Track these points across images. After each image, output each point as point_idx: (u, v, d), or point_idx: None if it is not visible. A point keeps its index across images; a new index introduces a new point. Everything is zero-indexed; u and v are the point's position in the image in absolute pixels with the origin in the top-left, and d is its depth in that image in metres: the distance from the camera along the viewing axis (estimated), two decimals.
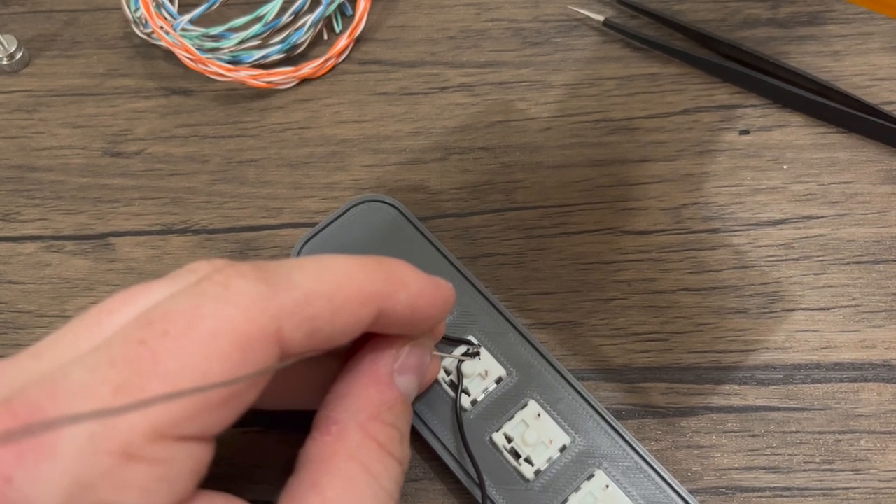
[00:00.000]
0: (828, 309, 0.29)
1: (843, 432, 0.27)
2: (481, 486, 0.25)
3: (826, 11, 0.35)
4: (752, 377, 0.28)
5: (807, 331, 0.29)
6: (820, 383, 0.28)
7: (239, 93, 0.36)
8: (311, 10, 0.37)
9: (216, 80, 0.36)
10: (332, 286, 0.20)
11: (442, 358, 0.27)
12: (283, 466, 0.29)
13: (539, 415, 0.26)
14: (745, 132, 0.33)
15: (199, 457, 0.18)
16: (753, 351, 0.29)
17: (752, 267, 0.30)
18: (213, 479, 0.30)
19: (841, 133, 0.33)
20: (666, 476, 0.25)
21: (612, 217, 0.32)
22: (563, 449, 0.26)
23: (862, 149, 0.32)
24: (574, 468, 0.26)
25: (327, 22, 0.38)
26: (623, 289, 0.30)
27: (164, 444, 0.17)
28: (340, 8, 0.38)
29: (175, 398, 0.17)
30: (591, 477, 0.25)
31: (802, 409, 0.27)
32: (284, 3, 0.36)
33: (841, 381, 0.28)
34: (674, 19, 0.35)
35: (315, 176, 0.34)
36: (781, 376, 0.28)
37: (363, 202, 0.31)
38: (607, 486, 0.25)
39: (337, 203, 0.33)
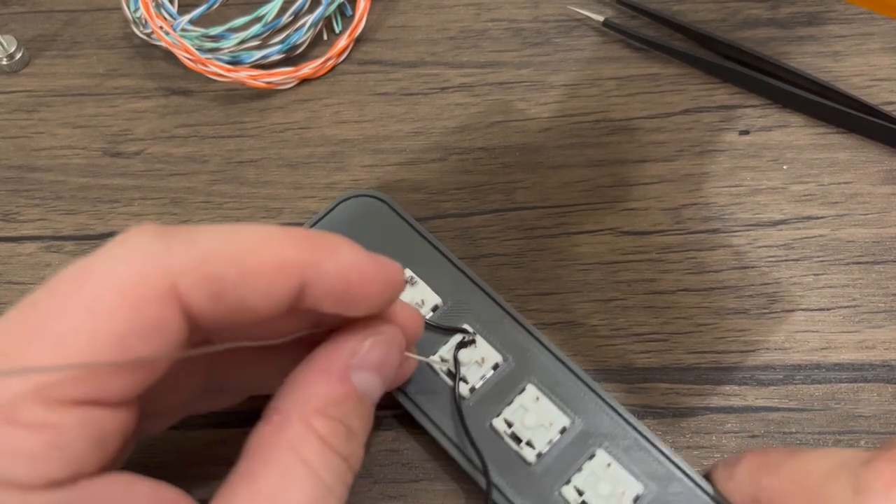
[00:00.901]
0: (828, 309, 0.29)
1: (843, 433, 0.27)
2: (485, 471, 0.25)
3: (826, 12, 0.35)
4: (752, 377, 0.28)
5: (807, 331, 0.29)
6: (820, 384, 0.28)
7: (239, 93, 0.36)
8: (311, 10, 0.36)
9: (216, 81, 0.36)
10: (243, 248, 0.19)
11: (422, 361, 0.27)
12: None
13: (538, 398, 0.26)
14: (745, 132, 0.33)
15: (100, 424, 0.17)
16: (753, 351, 0.29)
17: (752, 267, 0.30)
18: (212, 479, 0.30)
19: (841, 133, 0.33)
20: (666, 451, 0.25)
21: (611, 217, 0.32)
22: (563, 430, 0.26)
23: (862, 149, 0.32)
24: (575, 449, 0.26)
25: (327, 22, 0.38)
26: (623, 289, 0.30)
27: (51, 407, 0.16)
28: (340, 8, 0.38)
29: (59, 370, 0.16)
30: (592, 456, 0.25)
31: (802, 410, 0.27)
32: (284, 3, 0.36)
33: (841, 381, 0.28)
34: (674, 19, 0.35)
35: (315, 176, 0.34)
36: (781, 377, 0.28)
37: (351, 198, 0.31)
38: (609, 465, 0.25)
39: None
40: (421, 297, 0.29)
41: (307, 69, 0.36)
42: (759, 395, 0.28)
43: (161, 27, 0.35)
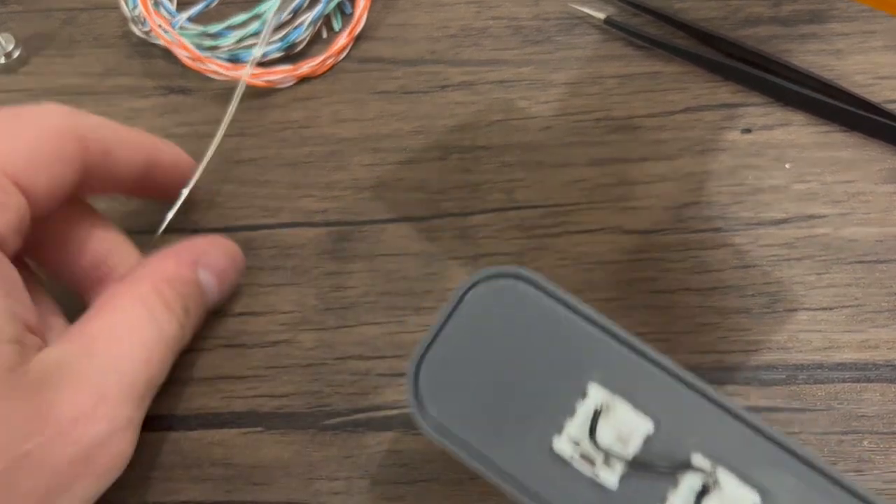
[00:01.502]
0: (830, 309, 0.29)
1: (846, 433, 0.27)
2: None
3: (828, 9, 0.35)
4: (754, 377, 0.28)
5: (809, 331, 0.29)
6: (823, 384, 0.28)
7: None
8: (311, 7, 0.36)
9: (215, 79, 0.36)
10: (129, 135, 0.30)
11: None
12: (283, 466, 0.29)
13: None
14: (748, 131, 0.33)
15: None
16: (756, 351, 0.28)
17: (755, 266, 0.30)
18: (212, 480, 0.30)
19: (843, 132, 0.32)
20: None
21: (613, 216, 0.31)
22: None
23: (864, 148, 0.32)
24: None
25: (326, 20, 0.38)
26: (624, 289, 0.30)
27: None
28: (340, 6, 0.38)
29: None
30: None
31: (805, 410, 0.27)
32: (283, 0, 0.35)
33: (844, 381, 0.28)
34: (675, 17, 0.35)
35: (314, 175, 0.34)
36: (784, 377, 0.28)
37: (481, 281, 0.21)
38: None
39: (336, 203, 0.33)
40: (623, 426, 0.19)
41: (306, 67, 0.35)
42: (761, 395, 0.28)
43: (159, 25, 0.35)
